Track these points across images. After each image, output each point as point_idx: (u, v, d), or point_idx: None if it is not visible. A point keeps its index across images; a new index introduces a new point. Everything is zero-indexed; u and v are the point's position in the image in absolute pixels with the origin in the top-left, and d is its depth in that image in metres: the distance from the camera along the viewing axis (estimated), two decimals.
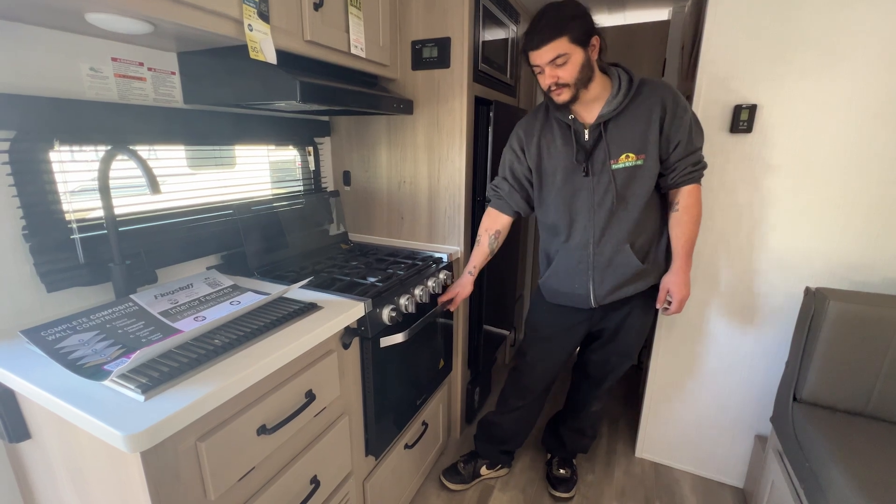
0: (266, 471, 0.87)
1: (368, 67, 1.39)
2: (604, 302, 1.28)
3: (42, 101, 0.90)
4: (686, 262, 1.25)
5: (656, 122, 1.13)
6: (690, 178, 1.18)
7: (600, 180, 1.18)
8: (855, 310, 1.15)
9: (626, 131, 1.15)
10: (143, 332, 0.87)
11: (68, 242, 0.97)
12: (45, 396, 0.69)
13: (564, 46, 1.05)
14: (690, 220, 1.22)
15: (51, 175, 0.93)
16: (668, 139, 1.14)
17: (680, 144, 1.14)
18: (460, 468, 1.62)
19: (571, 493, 1.57)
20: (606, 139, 1.16)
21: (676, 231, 1.24)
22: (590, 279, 1.27)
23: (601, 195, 1.19)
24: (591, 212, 1.22)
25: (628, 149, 1.15)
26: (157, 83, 1.11)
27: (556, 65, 1.07)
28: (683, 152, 1.16)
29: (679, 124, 1.13)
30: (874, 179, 1.25)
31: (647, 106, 1.13)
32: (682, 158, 1.16)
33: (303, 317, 0.97)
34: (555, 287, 1.35)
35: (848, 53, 1.20)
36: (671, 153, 1.16)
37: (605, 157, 1.17)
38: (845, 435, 1.09)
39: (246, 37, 0.96)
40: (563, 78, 1.08)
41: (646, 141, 1.14)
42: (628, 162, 1.16)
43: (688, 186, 1.20)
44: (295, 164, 1.68)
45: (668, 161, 1.17)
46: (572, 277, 1.29)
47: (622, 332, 1.37)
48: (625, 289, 1.26)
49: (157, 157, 1.21)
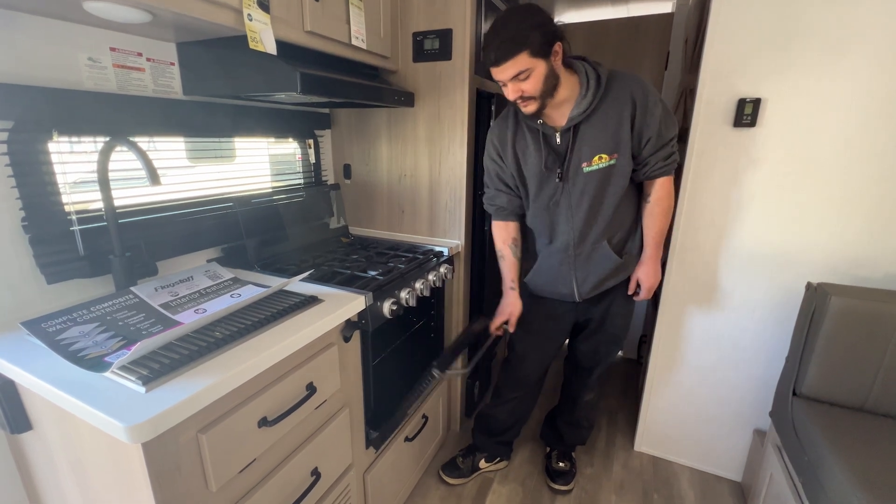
0: (267, 462, 0.87)
1: (369, 59, 1.38)
2: (587, 296, 1.32)
3: (40, 92, 0.89)
4: (656, 253, 1.29)
5: (627, 120, 1.11)
6: (663, 171, 1.18)
7: (575, 184, 1.18)
8: (856, 305, 1.15)
9: (598, 132, 1.13)
10: (143, 324, 0.87)
11: (68, 234, 0.96)
12: (46, 388, 0.69)
13: (525, 62, 1.01)
14: (661, 212, 1.23)
15: (49, 166, 0.93)
16: (639, 135, 1.13)
17: (651, 140, 1.13)
18: (459, 462, 1.63)
19: (570, 485, 1.58)
20: (579, 142, 1.14)
21: (648, 222, 1.26)
22: (573, 278, 1.30)
23: (577, 198, 1.20)
24: (569, 215, 1.23)
25: (601, 150, 1.14)
26: (156, 74, 1.10)
27: (519, 80, 1.04)
28: (654, 147, 1.14)
29: (650, 120, 1.11)
30: (877, 175, 1.24)
31: (618, 104, 1.11)
32: (654, 153, 1.15)
33: (303, 310, 0.97)
34: (539, 284, 1.38)
35: (853, 48, 1.19)
36: (643, 149, 1.15)
37: (578, 161, 1.16)
38: (844, 429, 1.10)
39: (246, 27, 0.95)
40: (527, 91, 1.06)
41: (618, 140, 1.13)
42: (602, 163, 1.15)
43: (660, 179, 1.20)
44: (295, 157, 1.67)
45: (640, 157, 1.16)
46: (555, 277, 1.32)
47: (608, 321, 1.40)
48: (606, 282, 1.30)
49: (156, 150, 1.20)
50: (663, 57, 2.05)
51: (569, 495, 1.57)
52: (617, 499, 1.56)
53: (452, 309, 1.68)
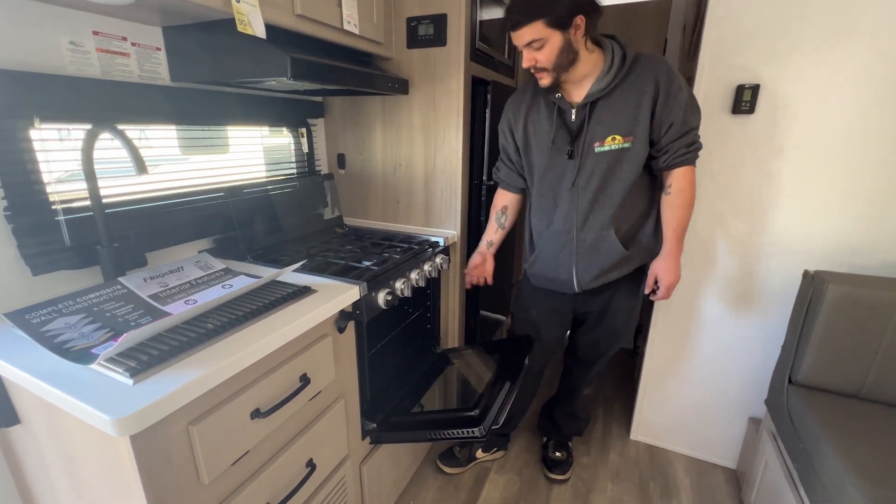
0: (261, 454, 0.86)
1: (362, 45, 1.35)
2: (587, 287, 1.26)
3: (19, 76, 0.85)
4: (677, 247, 1.21)
5: (648, 103, 1.07)
6: (684, 160, 1.13)
7: (584, 163, 1.14)
8: (853, 293, 1.14)
9: (616, 111, 1.09)
10: (131, 315, 0.85)
11: (53, 224, 0.94)
12: (32, 381, 0.67)
13: (540, 31, 1.00)
14: (683, 204, 1.17)
15: (32, 154, 0.90)
16: (660, 120, 1.08)
17: (674, 125, 1.08)
18: (456, 452, 1.63)
19: (567, 475, 1.59)
20: (594, 120, 1.11)
21: (668, 214, 1.19)
22: (573, 264, 1.24)
23: (585, 179, 1.15)
24: (574, 195, 1.18)
25: (616, 130, 1.10)
26: (141, 59, 1.07)
27: (533, 48, 1.04)
28: (677, 133, 1.09)
29: (674, 104, 1.07)
30: (876, 162, 1.23)
31: (640, 84, 1.07)
32: (677, 139, 1.10)
33: (296, 300, 0.95)
34: (539, 272, 1.34)
35: (853, 34, 1.17)
36: (664, 135, 1.10)
37: (591, 140, 1.12)
38: (839, 416, 1.10)
39: (233, 9, 0.92)
40: (540, 62, 1.05)
41: (635, 123, 1.09)
42: (615, 144, 1.11)
43: (681, 168, 1.14)
44: (289, 147, 1.64)
45: (660, 143, 1.11)
46: (556, 262, 1.27)
47: (609, 315, 1.35)
48: (608, 274, 1.24)
49: (147, 138, 1.17)
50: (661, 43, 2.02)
51: (565, 484, 1.58)
52: (613, 487, 1.57)
53: (448, 299, 1.67)
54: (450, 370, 1.48)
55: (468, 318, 1.81)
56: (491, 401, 1.17)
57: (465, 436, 1.09)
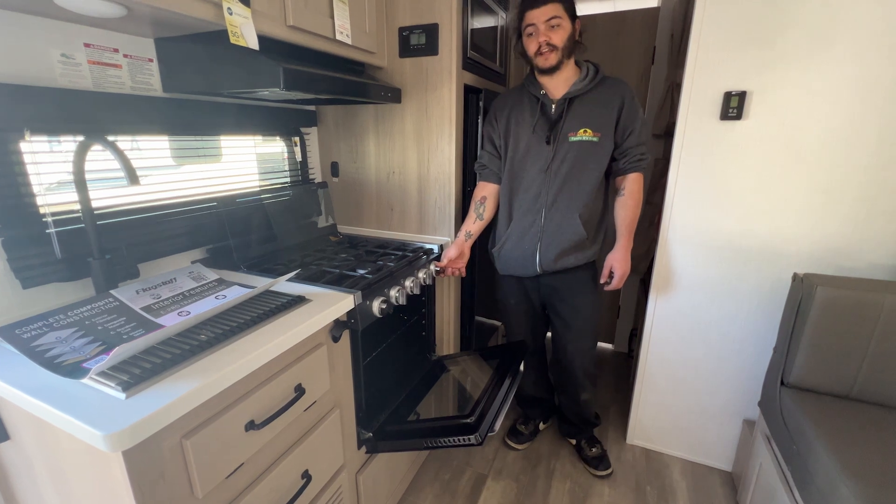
0: (256, 466, 0.85)
1: (355, 55, 1.35)
2: (547, 269, 1.42)
3: (9, 89, 0.85)
4: (628, 241, 1.42)
5: (615, 111, 1.30)
6: (637, 166, 1.36)
7: (559, 149, 1.33)
8: (841, 295, 1.16)
9: (588, 110, 1.31)
10: (124, 328, 0.84)
11: (44, 237, 0.93)
12: (22, 396, 0.66)
13: (560, 10, 1.23)
14: (634, 205, 1.39)
15: (22, 167, 0.90)
16: (624, 126, 1.31)
17: (633, 133, 1.32)
18: (522, 429, 1.79)
19: (610, 469, 1.63)
20: (570, 114, 1.32)
21: (621, 213, 1.40)
22: (538, 241, 1.40)
23: (559, 163, 1.34)
24: (547, 177, 1.35)
25: (587, 125, 1.31)
26: (133, 71, 1.07)
27: (551, 25, 1.23)
28: (635, 141, 1.33)
29: (634, 116, 1.31)
30: (860, 165, 1.26)
31: (609, 94, 1.31)
32: (635, 146, 1.33)
33: (290, 310, 0.95)
34: (507, 252, 1.47)
35: (837, 40, 1.20)
36: (626, 139, 1.33)
37: (567, 129, 1.32)
38: (831, 417, 1.11)
39: (226, 21, 0.92)
40: (553, 40, 1.24)
41: (603, 123, 1.31)
42: (585, 136, 1.31)
43: (633, 174, 1.38)
44: (282, 156, 1.65)
45: (622, 146, 1.34)
46: (523, 240, 1.42)
47: (575, 316, 1.50)
48: (566, 258, 1.40)
49: (139, 149, 1.17)
50: (649, 52, 2.05)
51: (563, 489, 1.58)
52: (610, 491, 1.57)
53: (443, 306, 1.67)
54: (445, 377, 1.48)
55: (463, 325, 1.82)
56: (487, 407, 1.17)
57: (461, 443, 1.10)
